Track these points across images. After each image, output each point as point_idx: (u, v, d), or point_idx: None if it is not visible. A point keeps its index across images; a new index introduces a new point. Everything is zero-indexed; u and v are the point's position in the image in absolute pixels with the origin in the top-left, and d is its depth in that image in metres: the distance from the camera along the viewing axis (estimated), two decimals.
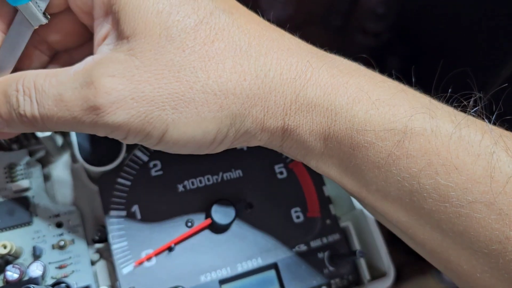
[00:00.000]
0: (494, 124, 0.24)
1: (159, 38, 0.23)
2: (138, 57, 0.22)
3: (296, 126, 0.24)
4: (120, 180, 0.30)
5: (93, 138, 0.30)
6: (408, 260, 0.79)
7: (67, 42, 0.28)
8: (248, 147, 0.33)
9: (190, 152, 0.25)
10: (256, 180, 0.32)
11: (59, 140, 0.33)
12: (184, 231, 0.29)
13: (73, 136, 0.30)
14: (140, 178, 0.30)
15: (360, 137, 0.23)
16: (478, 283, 0.23)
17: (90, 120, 0.22)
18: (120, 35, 0.23)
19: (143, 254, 0.29)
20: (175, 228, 0.30)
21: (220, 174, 0.31)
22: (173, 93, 0.22)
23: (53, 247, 0.30)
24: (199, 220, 0.30)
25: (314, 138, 0.25)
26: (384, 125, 0.23)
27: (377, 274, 0.33)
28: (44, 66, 0.29)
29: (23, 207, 0.30)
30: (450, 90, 0.26)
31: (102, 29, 0.25)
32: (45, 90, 0.23)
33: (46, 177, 0.33)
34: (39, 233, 0.30)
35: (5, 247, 0.28)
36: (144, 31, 0.23)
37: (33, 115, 0.23)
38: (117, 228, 0.29)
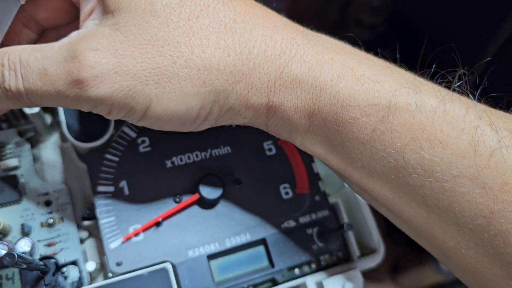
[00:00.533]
0: (479, 101, 0.24)
1: (143, 13, 0.23)
2: (122, 31, 0.23)
3: (281, 103, 0.24)
4: (108, 156, 0.30)
5: (81, 115, 0.30)
6: (406, 252, 0.79)
7: (55, 19, 0.28)
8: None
9: (174, 128, 0.25)
10: (245, 156, 0.32)
11: (48, 118, 0.33)
12: (172, 206, 0.29)
13: (62, 114, 0.30)
14: (128, 154, 0.30)
15: (345, 113, 0.23)
16: (464, 260, 0.23)
17: (74, 94, 0.22)
18: (105, 9, 0.23)
19: (131, 229, 0.29)
20: (163, 204, 0.30)
21: (209, 150, 0.31)
22: (156, 67, 0.22)
23: (42, 225, 0.30)
24: (187, 196, 0.30)
25: (299, 115, 0.25)
26: (368, 100, 0.23)
27: (367, 252, 0.33)
28: (32, 43, 0.29)
29: (12, 186, 0.30)
30: (434, 66, 0.26)
31: (88, 4, 0.25)
32: (30, 65, 0.23)
33: (36, 157, 0.33)
34: (28, 211, 0.30)
35: None
36: (129, 6, 0.23)
37: (18, 89, 0.23)
38: (104, 203, 0.29)
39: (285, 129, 0.26)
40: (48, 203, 0.31)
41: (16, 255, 0.23)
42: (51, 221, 0.30)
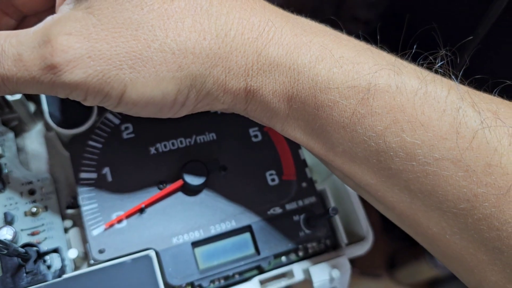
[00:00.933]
0: (463, 83, 0.23)
1: None
2: (96, 15, 0.22)
3: (259, 87, 0.24)
4: (91, 142, 0.30)
5: (63, 102, 0.30)
6: (402, 246, 0.79)
7: (34, 5, 0.28)
8: None
9: (152, 114, 0.25)
10: (230, 143, 0.31)
11: (32, 107, 0.33)
12: (156, 193, 0.29)
13: (44, 101, 0.30)
14: (112, 141, 0.30)
15: (324, 96, 0.23)
16: (448, 246, 0.23)
17: (48, 79, 0.22)
18: None
19: (114, 216, 0.28)
20: (147, 190, 0.29)
21: (193, 137, 0.31)
22: (130, 51, 0.22)
23: (26, 214, 0.30)
24: (172, 182, 0.29)
25: (277, 99, 0.24)
26: (347, 82, 0.22)
27: (356, 240, 0.32)
28: (12, 29, 0.29)
29: None
30: (415, 46, 0.25)
31: None
32: (4, 51, 0.23)
33: (20, 146, 0.32)
34: (11, 200, 0.30)
35: None
36: None
37: None
38: (87, 190, 0.29)
39: (265, 115, 0.25)
40: (32, 192, 0.30)
41: None
42: (34, 210, 0.30)
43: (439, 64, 0.23)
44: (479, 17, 0.35)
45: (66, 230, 0.30)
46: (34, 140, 0.33)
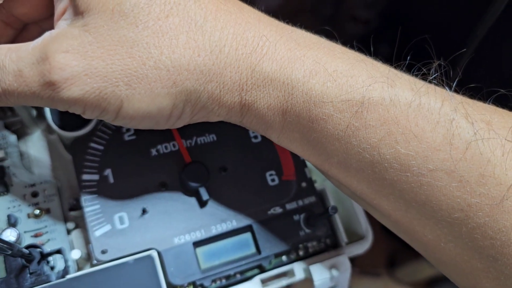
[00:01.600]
0: (457, 92, 0.23)
1: (112, 14, 0.23)
2: (92, 32, 0.23)
3: (253, 101, 0.24)
4: (92, 144, 0.30)
5: None
6: (402, 246, 0.79)
7: (34, 14, 0.29)
8: None
9: (150, 127, 0.25)
10: (230, 144, 0.32)
11: (34, 111, 0.33)
12: (158, 194, 0.29)
13: None
14: (113, 143, 0.30)
15: (318, 110, 0.23)
16: (444, 253, 0.23)
17: (48, 95, 0.23)
18: (76, 10, 0.24)
19: (116, 217, 0.29)
20: (148, 191, 0.29)
21: (194, 138, 0.31)
22: (126, 69, 0.22)
23: (29, 216, 0.30)
24: (173, 183, 0.30)
25: (272, 112, 0.24)
26: (341, 96, 0.23)
27: (356, 239, 0.33)
28: (13, 38, 0.30)
29: None
30: (408, 58, 0.25)
31: (61, 4, 0.25)
32: (5, 66, 0.23)
33: (23, 149, 0.33)
34: (14, 202, 0.30)
35: None
36: (97, 7, 0.23)
37: None
38: (89, 191, 0.29)
39: (260, 126, 0.26)
40: (34, 195, 0.31)
41: None
42: (37, 212, 0.30)
43: (433, 77, 0.23)
44: (474, 23, 0.35)
45: (68, 231, 0.31)
46: (37, 143, 0.33)
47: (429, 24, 0.45)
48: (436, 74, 0.23)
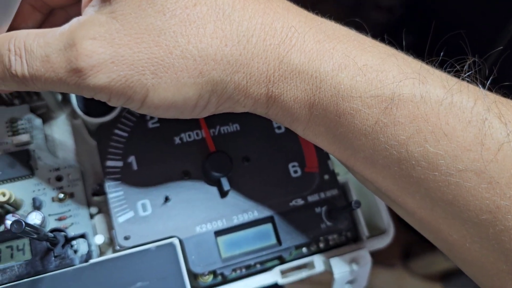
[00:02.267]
0: (490, 90, 0.23)
1: (139, 1, 0.22)
2: (119, 20, 0.22)
3: (280, 93, 0.24)
4: (117, 131, 0.30)
5: None
6: (418, 238, 0.79)
7: (62, 0, 0.29)
8: None
9: (174, 116, 0.25)
10: (254, 134, 0.32)
11: (59, 95, 0.33)
12: (180, 182, 0.29)
13: None
14: (137, 130, 0.30)
15: (346, 104, 0.23)
16: (469, 253, 0.23)
17: (74, 82, 0.23)
18: None
19: (139, 204, 0.29)
20: (171, 179, 0.30)
21: (217, 127, 0.31)
22: (152, 57, 0.22)
23: (53, 199, 0.30)
24: (196, 172, 0.30)
25: (299, 105, 0.24)
26: (370, 91, 0.22)
27: (376, 233, 0.33)
28: (40, 23, 0.30)
29: (24, 160, 0.31)
30: (442, 54, 0.25)
31: None
32: (33, 51, 0.23)
33: (47, 133, 0.33)
34: (39, 186, 0.31)
35: (3, 194, 0.28)
36: None
37: (24, 75, 0.23)
38: (113, 178, 0.29)
39: (286, 119, 0.25)
40: (59, 179, 0.31)
41: (23, 223, 0.23)
42: (61, 196, 0.30)
43: (466, 74, 0.23)
44: (507, 20, 0.34)
45: (91, 216, 0.31)
46: (61, 128, 0.34)
47: (459, 18, 0.44)
48: (470, 72, 0.22)
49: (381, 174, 0.23)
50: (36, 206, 0.30)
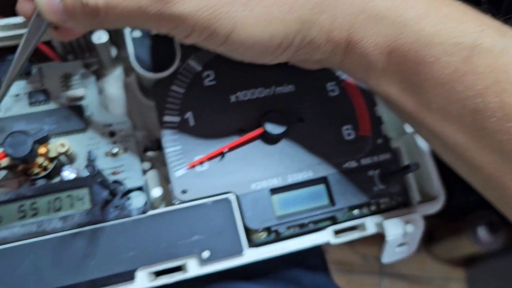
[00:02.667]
0: None
1: None
2: None
3: (361, 38, 0.24)
4: (174, 87, 0.30)
5: (148, 45, 0.30)
6: (441, 222, 0.78)
7: None
8: None
9: (252, 57, 0.25)
10: (308, 96, 0.32)
11: (114, 51, 0.34)
12: (236, 139, 0.29)
13: (130, 44, 0.30)
14: (194, 87, 0.30)
15: (427, 51, 0.23)
16: None
17: (156, 10, 0.21)
18: None
19: (196, 159, 0.29)
20: (227, 136, 0.30)
21: (273, 87, 0.31)
22: None
23: (106, 154, 0.31)
24: (251, 129, 0.30)
25: (378, 51, 0.24)
26: (452, 38, 0.22)
27: (426, 199, 0.33)
28: None
29: (78, 115, 0.31)
30: None
31: None
32: None
33: (100, 89, 0.33)
34: (93, 140, 0.31)
35: (63, 145, 0.29)
36: None
37: (96, 4, 0.22)
38: (170, 132, 0.29)
39: (361, 67, 0.25)
40: (112, 134, 0.31)
41: (96, 167, 0.23)
42: (115, 150, 0.31)
43: None
44: None
45: (144, 171, 0.31)
46: (114, 85, 0.34)
47: None
48: None
49: (453, 126, 0.23)
50: (91, 159, 0.30)
